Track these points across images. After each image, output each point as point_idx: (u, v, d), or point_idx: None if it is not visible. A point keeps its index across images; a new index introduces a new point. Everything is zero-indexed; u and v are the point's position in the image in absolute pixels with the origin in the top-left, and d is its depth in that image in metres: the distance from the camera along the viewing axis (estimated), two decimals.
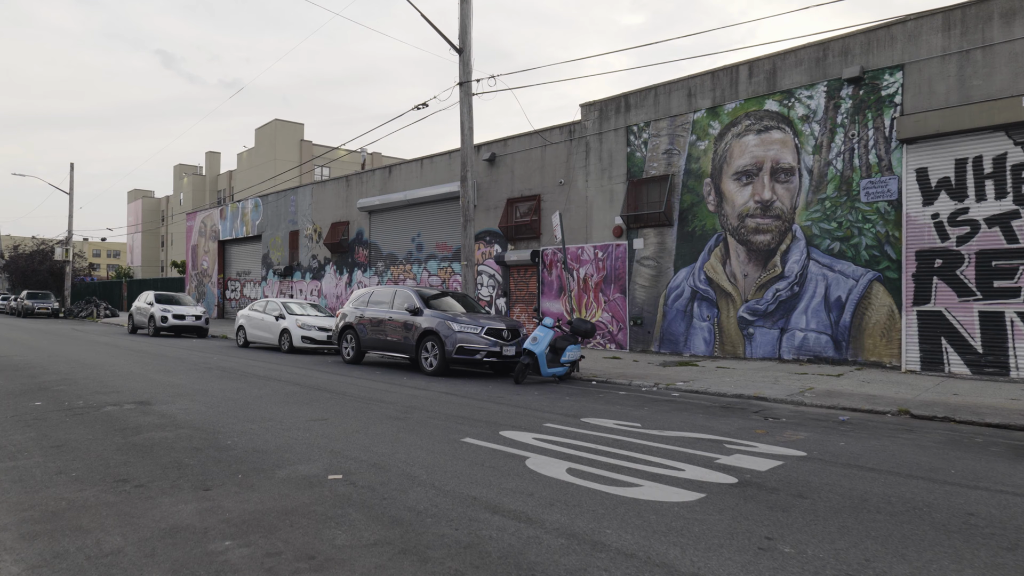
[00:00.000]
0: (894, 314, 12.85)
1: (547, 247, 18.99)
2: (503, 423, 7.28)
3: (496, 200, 20.46)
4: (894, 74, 12.93)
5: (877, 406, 8.95)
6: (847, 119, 13.50)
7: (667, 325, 16.29)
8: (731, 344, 15.14)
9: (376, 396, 9.31)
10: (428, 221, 22.94)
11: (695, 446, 6.24)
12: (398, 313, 13.20)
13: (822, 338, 13.77)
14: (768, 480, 5.05)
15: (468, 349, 11.80)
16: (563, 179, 18.55)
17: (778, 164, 14.43)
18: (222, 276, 35.72)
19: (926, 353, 12.48)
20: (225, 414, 7.59)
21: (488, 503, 4.38)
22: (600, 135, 17.77)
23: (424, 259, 23.05)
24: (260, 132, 62.72)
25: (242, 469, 5.16)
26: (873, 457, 5.93)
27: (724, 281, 15.26)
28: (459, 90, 15.57)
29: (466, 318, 12.24)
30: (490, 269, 20.64)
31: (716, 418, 8.00)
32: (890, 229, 12.94)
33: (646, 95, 16.82)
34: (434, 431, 6.76)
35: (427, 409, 8.18)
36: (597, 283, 17.72)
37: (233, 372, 12.10)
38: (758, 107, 14.75)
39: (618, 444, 6.27)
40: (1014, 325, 11.57)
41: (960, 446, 6.57)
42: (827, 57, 13.78)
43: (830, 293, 13.69)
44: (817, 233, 13.87)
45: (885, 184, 13.00)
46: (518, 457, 5.66)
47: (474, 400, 9.08)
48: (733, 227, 15.13)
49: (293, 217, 29.85)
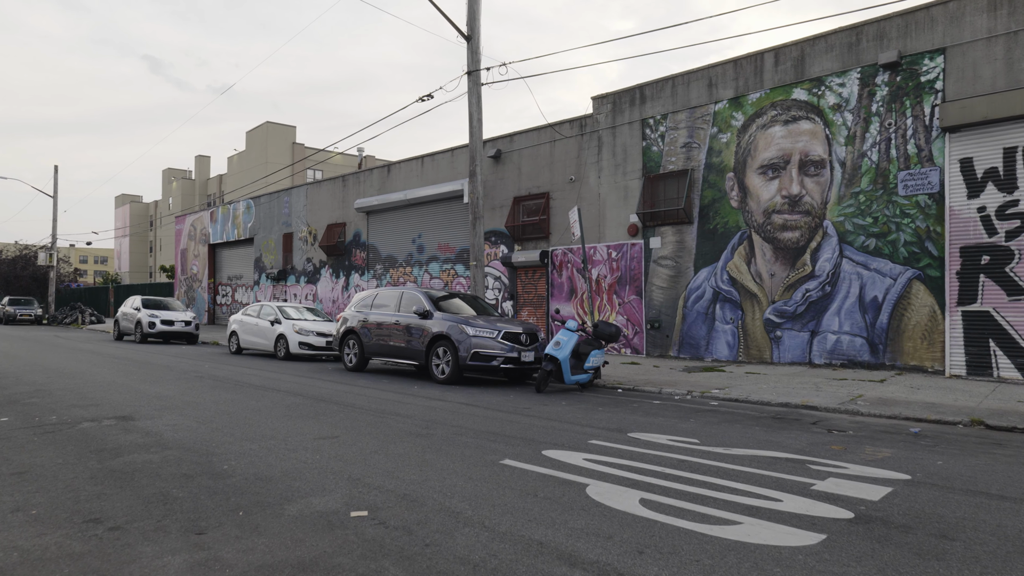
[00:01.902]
0: (936, 315, 12.01)
1: (557, 247, 18.08)
2: (542, 440, 6.33)
3: (502, 199, 19.54)
4: (935, 58, 12.12)
5: (944, 416, 8.07)
6: (883, 107, 12.68)
7: (687, 328, 15.39)
8: (757, 348, 14.25)
9: (389, 408, 8.33)
10: (429, 221, 21.99)
11: (775, 467, 5.32)
12: (405, 316, 12.23)
13: (856, 341, 12.90)
14: (890, 514, 4.13)
15: (484, 355, 10.85)
16: (574, 176, 17.65)
17: (807, 156, 13.58)
18: (213, 280, 34.59)
19: (972, 356, 11.64)
20: (219, 431, 6.61)
21: (560, 550, 3.44)
22: (613, 129, 16.89)
23: (425, 261, 22.08)
24: (251, 135, 61.60)
25: (243, 503, 4.20)
26: (990, 480, 5.03)
27: (749, 281, 14.38)
28: (467, 79, 14.67)
29: (481, 321, 11.29)
30: (496, 271, 19.70)
31: (775, 431, 7.09)
32: (931, 224, 12.10)
33: (663, 86, 15.96)
34: (466, 451, 5.80)
35: (450, 424, 7.22)
36: (611, 284, 16.81)
37: (226, 381, 11.09)
38: (785, 96, 13.91)
39: (684, 466, 5.34)
40: None
41: None
42: (860, 42, 12.96)
43: (865, 293, 12.83)
44: (850, 229, 13.02)
45: (925, 176, 12.17)
46: (575, 484, 4.72)
47: (499, 412, 8.12)
48: (758, 224, 14.26)
49: (287, 219, 28.81)
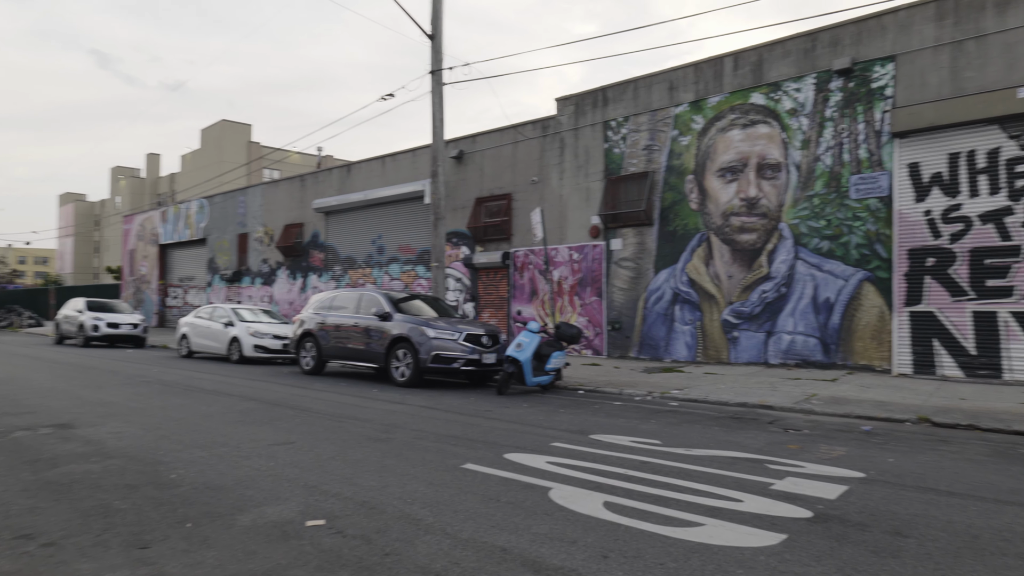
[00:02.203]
0: (885, 316, 12.37)
1: (519, 249, 18.05)
2: (504, 443, 6.26)
3: (464, 200, 19.42)
4: (885, 65, 12.49)
5: (893, 414, 8.29)
6: (836, 112, 13.01)
7: (647, 329, 15.53)
8: (715, 348, 14.46)
9: (347, 412, 8.15)
10: (390, 222, 21.71)
11: (735, 467, 5.35)
12: (364, 318, 12.01)
13: (810, 341, 13.20)
14: (847, 512, 4.19)
15: (445, 357, 10.73)
16: (536, 177, 17.65)
17: (764, 160, 13.85)
18: (163, 282, 33.54)
19: (918, 356, 12.02)
20: (167, 438, 6.35)
21: (524, 556, 3.37)
22: (576, 131, 16.95)
23: (385, 262, 21.80)
24: (206, 133, 60.06)
25: (192, 514, 4.01)
26: (939, 477, 5.15)
27: (707, 282, 14.59)
28: (430, 79, 14.52)
29: (442, 323, 11.17)
30: (457, 272, 19.57)
31: (734, 431, 7.16)
32: (881, 227, 12.46)
33: (625, 89, 16.08)
34: (427, 455, 5.69)
35: (411, 427, 7.08)
36: (572, 286, 16.86)
37: (176, 386, 10.72)
38: (743, 100, 14.16)
39: (647, 467, 5.33)
40: (1008, 325, 11.19)
41: (1013, 459, 5.88)
42: (816, 48, 13.28)
43: (819, 294, 13.14)
44: (805, 231, 13.32)
45: (876, 180, 12.53)
46: (538, 488, 4.66)
47: (460, 415, 8.02)
48: (717, 226, 14.48)
49: (242, 219, 28.12)
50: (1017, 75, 11.22)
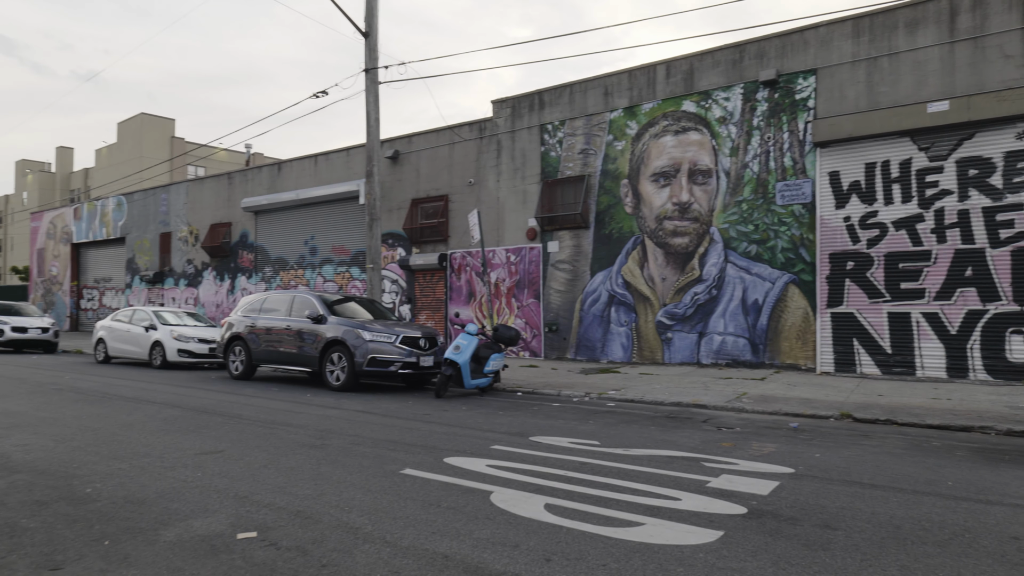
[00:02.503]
0: (809, 317, 12.93)
1: (455, 250, 17.94)
2: (443, 447, 6.17)
3: (400, 200, 19.16)
4: (807, 78, 13.08)
5: (817, 410, 8.66)
6: (763, 122, 13.52)
7: (584, 331, 15.71)
8: (649, 349, 14.77)
9: (280, 418, 7.86)
10: (323, 223, 21.19)
11: (672, 466, 5.45)
12: (297, 321, 11.65)
13: (740, 341, 13.66)
14: (779, 507, 4.32)
15: (382, 360, 10.53)
16: (473, 179, 17.59)
17: (696, 166, 14.25)
18: (76, 284, 31.65)
19: (839, 355, 12.62)
20: (82, 450, 5.96)
21: (466, 563, 3.31)
22: (513, 133, 16.99)
23: (319, 263, 21.26)
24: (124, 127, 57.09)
25: (110, 531, 3.76)
26: (862, 470, 5.39)
27: (642, 285, 14.89)
28: (365, 77, 14.25)
29: (378, 326, 10.96)
30: (393, 274, 19.28)
31: (670, 430, 7.31)
32: (804, 232, 13.03)
33: (561, 92, 16.24)
34: (364, 461, 5.54)
35: (347, 433, 6.89)
36: (510, 288, 16.88)
37: (92, 394, 10.10)
38: (676, 108, 14.53)
39: (586, 468, 5.36)
40: (919, 326, 11.89)
41: (927, 451, 6.23)
42: (743, 59, 13.77)
43: (747, 296, 13.62)
44: (734, 236, 13.78)
45: (799, 187, 13.09)
46: (479, 492, 4.60)
47: (398, 419, 7.87)
48: (651, 229, 14.80)
49: (164, 218, 26.86)
50: (926, 91, 11.95)
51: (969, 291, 11.44)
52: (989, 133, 11.41)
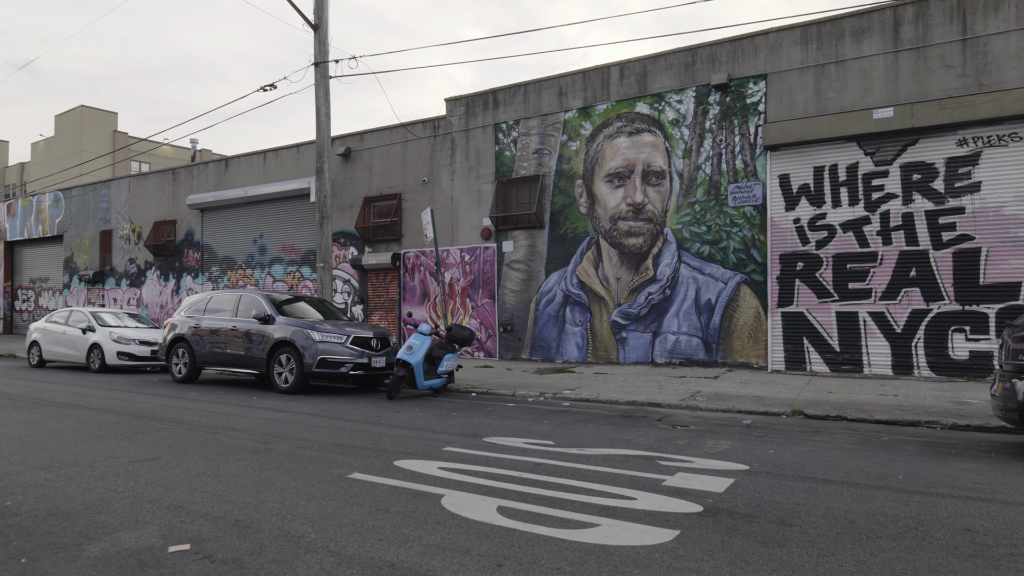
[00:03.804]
0: (760, 316, 13.14)
1: (409, 250, 17.66)
2: (394, 450, 5.97)
3: (352, 199, 18.78)
4: (758, 83, 13.30)
5: (770, 408, 8.76)
6: (715, 125, 13.69)
7: (539, 331, 15.64)
8: (604, 349, 14.80)
9: (223, 423, 7.52)
10: (272, 221, 20.62)
11: (627, 465, 5.38)
12: (244, 322, 11.24)
13: (693, 341, 13.80)
14: (735, 505, 4.28)
15: (332, 362, 10.23)
16: (427, 177, 17.36)
17: (649, 167, 14.35)
18: (10, 284, 30.10)
19: (790, 353, 12.86)
20: (4, 459, 5.55)
21: (414, 570, 3.14)
22: (467, 132, 16.83)
23: (268, 263, 20.67)
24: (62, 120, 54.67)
25: (28, 547, 3.46)
26: (815, 466, 5.42)
27: (597, 285, 14.91)
28: (314, 71, 13.89)
29: (329, 326, 10.65)
30: (345, 273, 18.88)
31: (625, 429, 7.26)
32: (756, 233, 13.24)
33: (515, 92, 16.15)
34: (310, 466, 5.30)
35: (293, 437, 6.62)
36: (464, 288, 16.70)
37: (21, 399, 9.52)
38: (630, 109, 14.61)
39: (541, 469, 5.24)
40: (866, 324, 12.20)
41: (877, 446, 6.33)
42: (696, 63, 13.92)
43: (700, 296, 13.76)
44: (688, 236, 13.91)
45: (751, 189, 13.29)
46: (430, 496, 4.44)
47: (348, 422, 7.62)
48: (605, 230, 14.84)
49: (105, 215, 25.75)
50: (872, 98, 12.28)
51: (913, 291, 11.79)
52: (932, 140, 11.79)
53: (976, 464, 5.56)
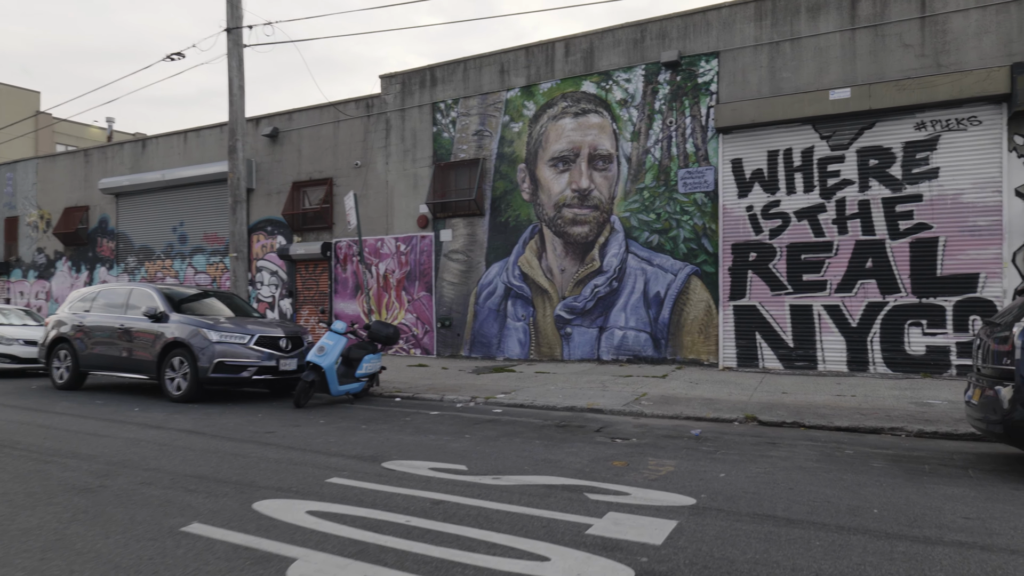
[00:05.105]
0: (711, 310, 12.35)
1: (341, 239, 16.35)
2: (264, 484, 4.81)
3: (279, 184, 17.33)
4: (710, 61, 12.44)
5: (721, 413, 7.91)
6: (665, 105, 12.80)
7: (478, 326, 14.57)
8: (548, 345, 13.82)
9: (70, 446, 6.20)
10: (195, 207, 18.97)
11: (549, 502, 4.36)
12: (133, 320, 9.83)
13: (641, 336, 12.94)
14: (676, 566, 3.29)
15: (231, 365, 8.95)
16: (360, 161, 16.05)
17: (596, 150, 13.38)
18: None
19: (742, 349, 12.11)
20: None
21: None
22: (403, 111, 15.58)
23: (189, 253, 19.04)
24: None
25: None
26: (774, 496, 4.50)
27: (540, 277, 13.91)
28: (227, 39, 12.46)
29: (230, 324, 9.35)
30: (272, 265, 17.44)
31: (557, 445, 6.26)
32: (707, 221, 12.42)
33: (455, 69, 14.97)
34: (141, 513, 4.11)
35: (144, 467, 5.38)
36: (399, 280, 15.50)
37: None
38: (575, 88, 13.60)
39: (438, 511, 4.17)
40: (821, 319, 11.52)
41: (842, 463, 5.48)
42: (645, 39, 12.99)
43: (649, 288, 12.90)
44: (636, 225, 13.02)
45: (702, 175, 12.46)
46: (276, 561, 3.31)
47: (229, 441, 6.40)
48: (549, 217, 13.83)
49: (10, 200, 23.53)
50: (828, 78, 11.55)
51: (869, 283, 11.13)
52: (889, 123, 11.12)
53: (958, 489, 4.73)
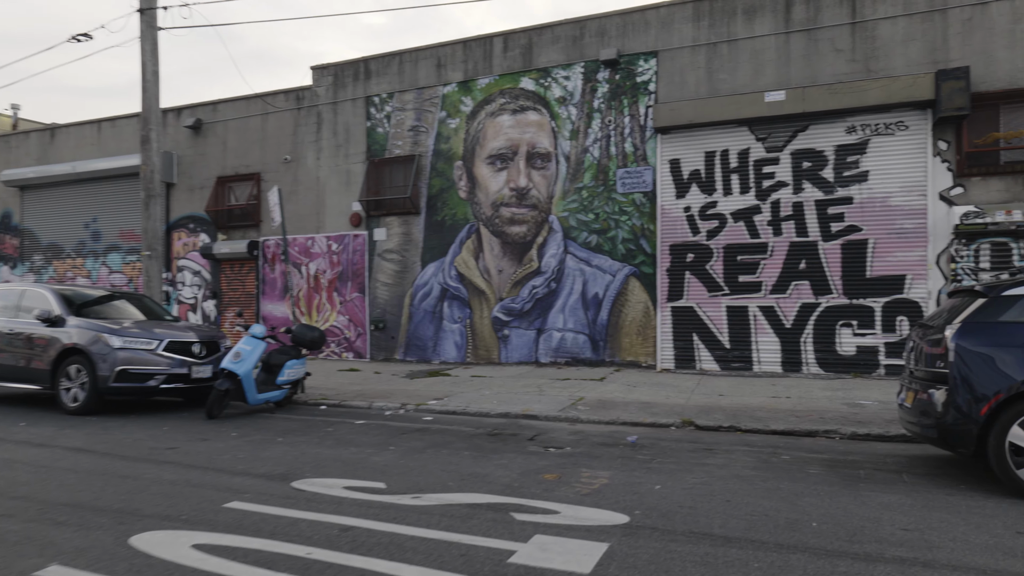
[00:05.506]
0: (650, 311, 12.23)
1: (269, 237, 15.54)
2: (150, 511, 4.25)
3: (203, 178, 16.36)
4: (648, 60, 12.33)
5: (658, 418, 7.70)
6: (604, 104, 12.61)
7: (414, 329, 14.06)
8: (485, 348, 13.44)
9: None
10: (110, 202, 17.74)
11: (470, 525, 3.97)
12: (26, 324, 8.93)
13: (580, 338, 12.71)
14: None
15: (136, 373, 8.20)
16: (290, 155, 15.29)
17: (534, 148, 13.08)
18: None
19: (680, 351, 12.02)
20: None
21: None
22: (335, 105, 14.91)
23: (103, 251, 17.80)
24: None
25: None
26: (711, 510, 4.24)
27: (477, 277, 13.51)
28: (139, 20, 11.59)
29: (137, 329, 8.59)
30: (195, 264, 16.45)
31: (486, 456, 5.89)
32: (645, 222, 12.29)
33: (389, 62, 14.42)
34: None
35: (11, 494, 4.69)
36: (331, 280, 14.83)
37: None
38: (514, 84, 13.27)
39: (345, 540, 3.73)
40: (756, 320, 11.54)
41: (779, 471, 5.31)
42: (584, 36, 12.78)
43: (588, 290, 12.69)
44: (574, 225, 12.78)
45: (640, 175, 12.33)
46: None
47: (122, 460, 5.75)
48: (487, 217, 13.45)
49: None
50: (764, 80, 11.58)
51: (803, 284, 11.20)
52: (822, 126, 11.22)
53: (894, 496, 4.59)
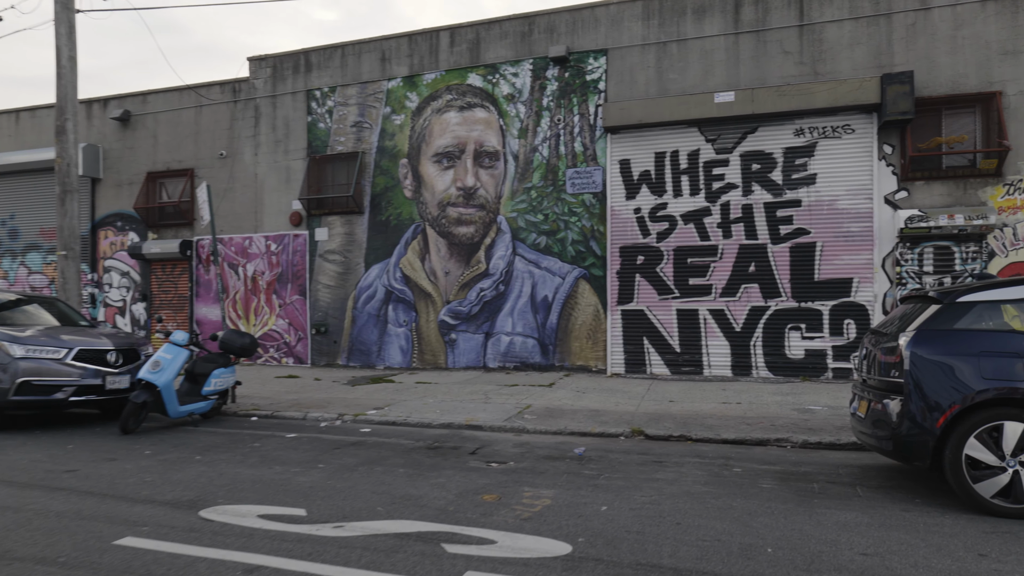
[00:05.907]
0: (600, 314, 11.98)
1: (203, 237, 14.72)
2: (22, 553, 3.68)
3: (132, 173, 15.41)
4: (598, 58, 12.08)
5: (607, 427, 7.41)
6: (553, 102, 12.31)
7: (357, 333, 13.49)
8: (432, 353, 12.98)
9: None
10: (29, 198, 16.56)
11: (395, 559, 3.55)
12: None
13: (529, 342, 12.37)
14: None
15: (40, 385, 7.46)
16: (225, 151, 14.51)
17: (482, 147, 12.69)
18: None
19: (630, 355, 11.81)
20: None
21: None
22: (274, 98, 14.21)
23: (21, 251, 16.60)
24: None
25: None
26: (660, 535, 3.93)
27: (423, 280, 13.04)
28: (54, 2, 10.72)
29: (43, 336, 7.84)
30: (123, 265, 15.48)
31: (423, 474, 5.46)
32: (596, 223, 12.04)
33: (331, 54, 13.81)
34: None
35: None
36: (270, 282, 14.12)
37: None
38: (461, 80, 12.85)
39: None
40: (707, 323, 11.41)
41: (731, 486, 5.05)
42: (533, 32, 12.45)
43: (537, 292, 12.36)
44: (523, 226, 12.44)
45: (590, 175, 12.07)
46: None
47: (10, 486, 5.10)
48: (433, 217, 12.99)
49: None
50: (713, 81, 11.47)
51: (752, 287, 11.12)
52: (771, 128, 11.17)
53: (850, 514, 4.37)
